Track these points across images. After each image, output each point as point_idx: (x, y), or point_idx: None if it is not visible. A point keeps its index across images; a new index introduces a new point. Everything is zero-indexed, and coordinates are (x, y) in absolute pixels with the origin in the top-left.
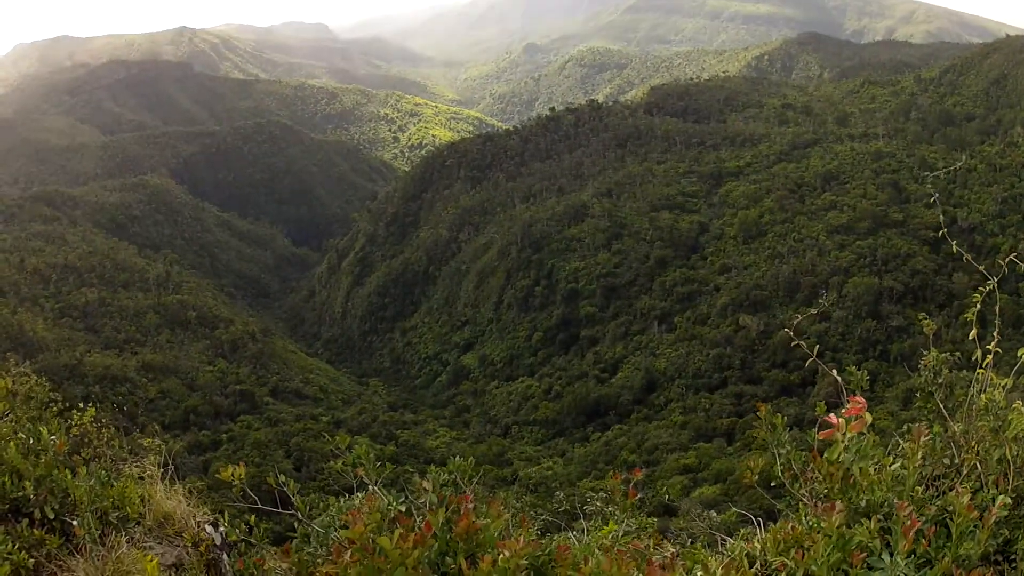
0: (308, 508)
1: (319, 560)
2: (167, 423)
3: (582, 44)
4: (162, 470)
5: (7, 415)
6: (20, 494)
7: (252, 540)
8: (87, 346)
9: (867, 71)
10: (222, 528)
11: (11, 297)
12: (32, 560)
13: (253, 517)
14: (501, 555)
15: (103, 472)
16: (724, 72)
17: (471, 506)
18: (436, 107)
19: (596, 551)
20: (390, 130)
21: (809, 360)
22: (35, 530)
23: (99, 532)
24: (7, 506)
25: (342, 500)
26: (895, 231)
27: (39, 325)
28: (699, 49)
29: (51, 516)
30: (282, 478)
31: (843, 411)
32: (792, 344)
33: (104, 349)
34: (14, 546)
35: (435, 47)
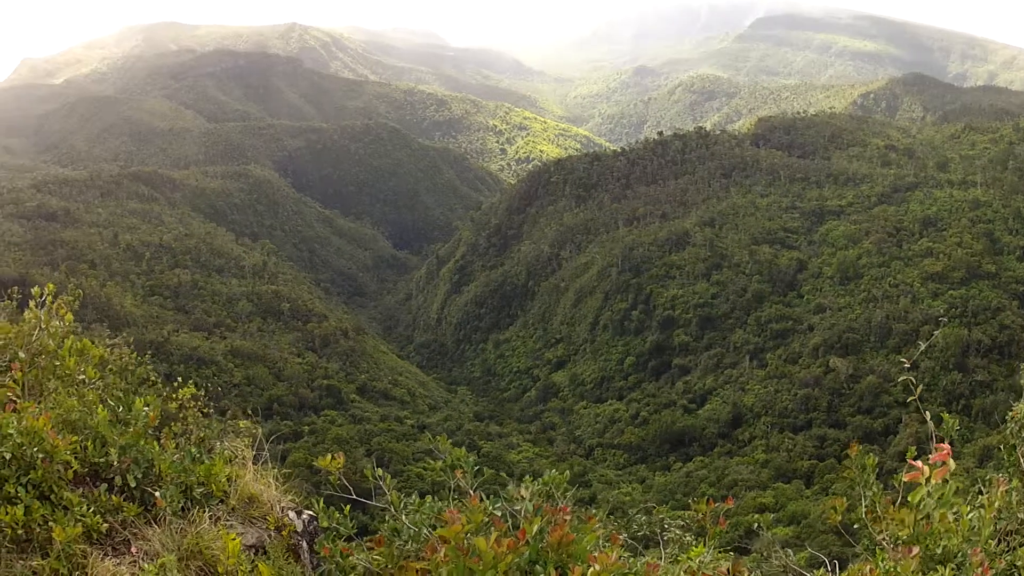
0: (402, 503)
1: (408, 555)
2: (250, 409)
3: (692, 70)
4: (254, 453)
5: (94, 383)
6: (102, 459)
7: (341, 529)
8: (175, 325)
9: (968, 116)
10: (305, 515)
11: (101, 270)
12: (106, 525)
13: (348, 507)
14: (591, 568)
15: (193, 448)
16: (830, 108)
17: (567, 518)
18: (545, 122)
19: (682, 573)
20: (498, 142)
21: (895, 407)
22: (114, 496)
23: (181, 506)
24: (87, 470)
25: (430, 500)
26: (987, 283)
27: (127, 300)
28: (807, 83)
29: (132, 484)
30: (379, 471)
31: (929, 457)
32: (899, 380)
33: (192, 330)
34: (88, 509)
35: (546, 62)
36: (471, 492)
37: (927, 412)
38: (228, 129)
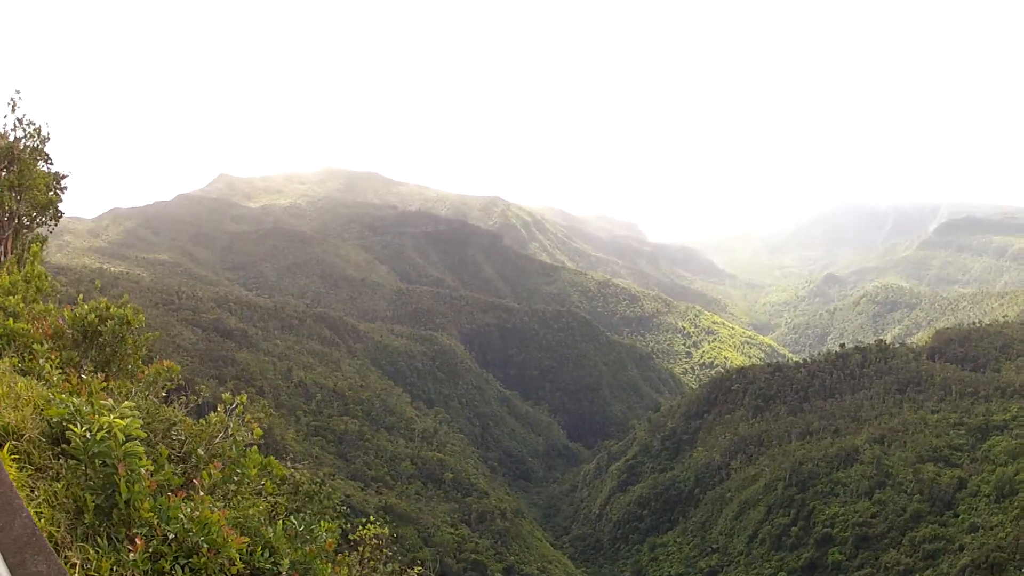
0: None
1: None
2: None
3: (877, 279)
4: None
5: (270, 496)
6: (270, 566)
7: None
8: (332, 469)
9: None
10: None
11: (269, 399)
12: None
13: None
14: None
15: None
16: (1004, 316)
17: None
18: (732, 328)
19: None
20: (684, 344)
21: None
22: None
23: None
24: (249, 572)
25: None
26: None
27: (289, 434)
28: (983, 290)
29: None
30: None
31: None
32: None
33: (349, 478)
34: None
35: (738, 266)
36: None
37: None
38: (420, 292)
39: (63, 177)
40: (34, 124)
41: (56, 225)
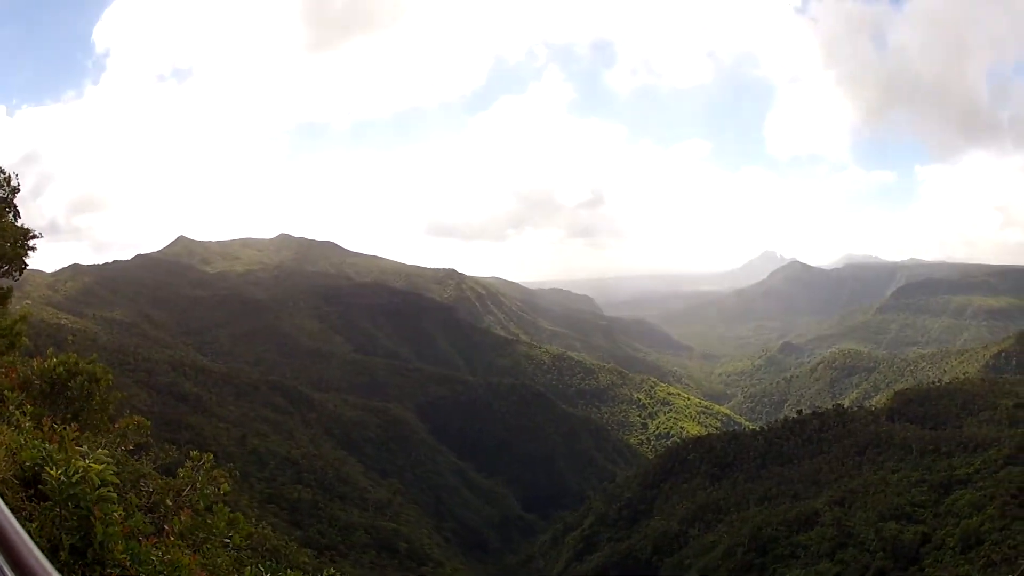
0: None
1: None
2: None
3: (834, 346)
4: None
5: (235, 548)
6: None
7: None
8: (286, 537)
9: None
10: None
11: (223, 465)
12: None
13: None
14: None
15: None
16: (964, 373)
17: None
18: (688, 398)
19: None
20: (640, 415)
21: None
22: None
23: None
24: None
25: None
26: None
27: (243, 500)
28: (943, 350)
29: None
30: None
31: None
32: None
33: (302, 546)
34: None
35: (693, 338)
36: None
37: None
38: (374, 363)
39: (32, 236)
40: (3, 172)
41: (19, 278)
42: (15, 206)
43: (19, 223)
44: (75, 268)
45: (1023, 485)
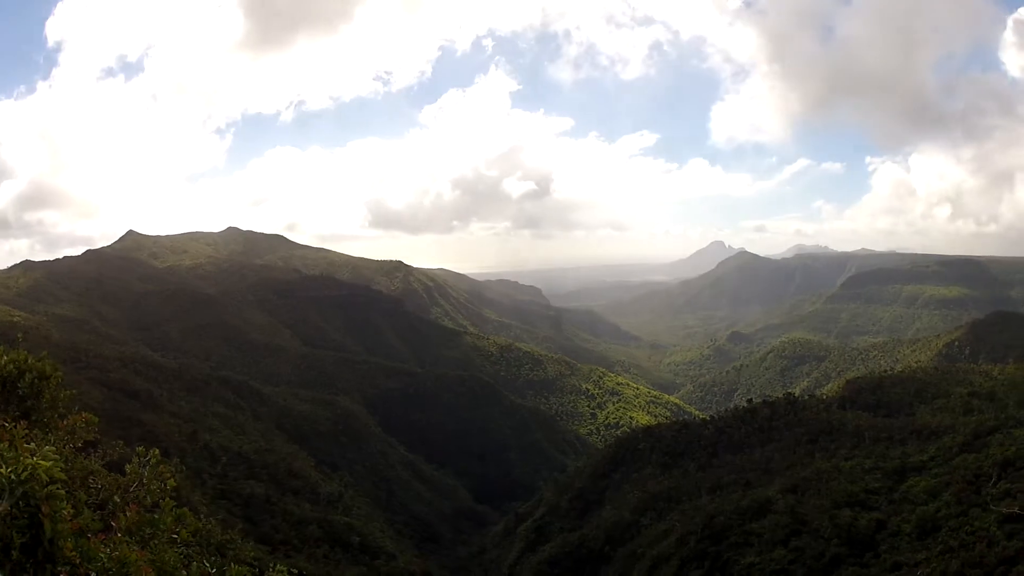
0: None
1: None
2: None
3: (784, 335)
4: None
5: (182, 544)
6: None
7: None
8: (241, 532)
9: None
10: None
11: (176, 461)
12: None
13: None
14: None
15: None
16: (917, 362)
17: None
18: (637, 388)
19: None
20: (589, 406)
21: None
22: None
23: None
24: None
25: None
26: None
27: (196, 496)
28: (894, 339)
29: None
30: None
31: None
32: None
33: (257, 542)
34: None
35: (642, 328)
36: None
37: None
38: (323, 356)
39: None
40: None
41: None
42: None
43: None
44: (26, 264)
45: (979, 472)
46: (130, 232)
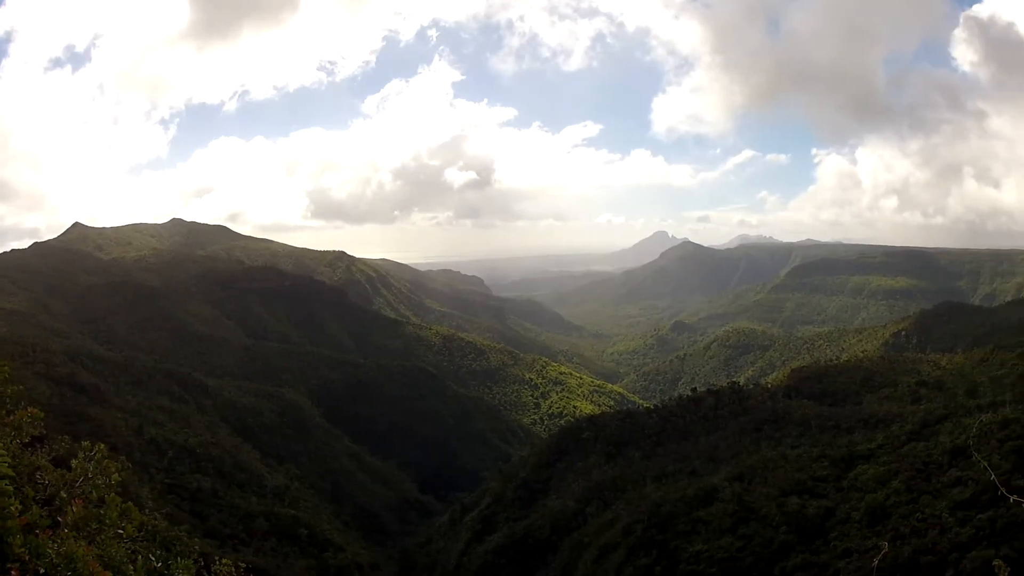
0: None
1: None
2: None
3: (728, 324)
4: None
5: (130, 539)
6: None
7: None
8: (189, 527)
9: (997, 336)
10: None
11: (122, 456)
12: None
13: None
14: None
15: None
16: (863, 352)
17: None
18: (580, 378)
19: None
20: (532, 396)
21: None
22: None
23: None
24: None
25: None
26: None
27: (144, 491)
28: (840, 328)
29: None
30: None
31: None
32: None
33: (205, 537)
34: None
35: (584, 317)
36: None
37: None
38: (267, 348)
39: None
40: None
41: None
42: None
43: None
44: None
45: (929, 460)
46: (76, 224)
